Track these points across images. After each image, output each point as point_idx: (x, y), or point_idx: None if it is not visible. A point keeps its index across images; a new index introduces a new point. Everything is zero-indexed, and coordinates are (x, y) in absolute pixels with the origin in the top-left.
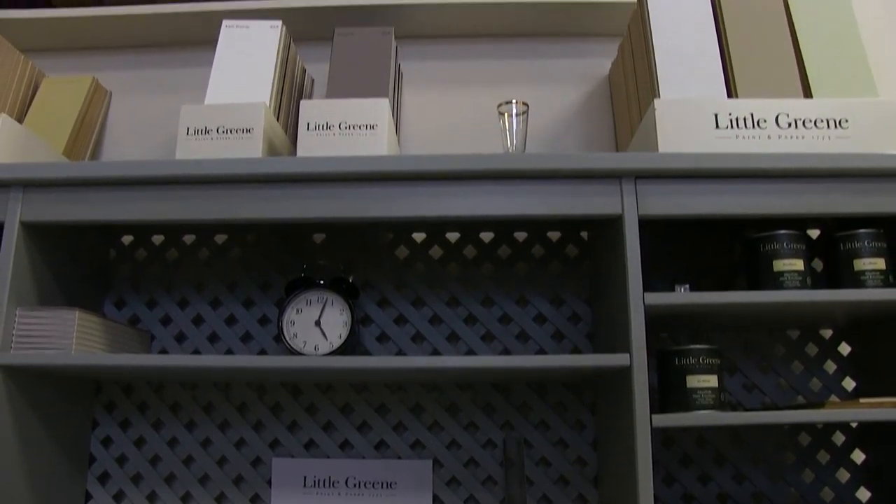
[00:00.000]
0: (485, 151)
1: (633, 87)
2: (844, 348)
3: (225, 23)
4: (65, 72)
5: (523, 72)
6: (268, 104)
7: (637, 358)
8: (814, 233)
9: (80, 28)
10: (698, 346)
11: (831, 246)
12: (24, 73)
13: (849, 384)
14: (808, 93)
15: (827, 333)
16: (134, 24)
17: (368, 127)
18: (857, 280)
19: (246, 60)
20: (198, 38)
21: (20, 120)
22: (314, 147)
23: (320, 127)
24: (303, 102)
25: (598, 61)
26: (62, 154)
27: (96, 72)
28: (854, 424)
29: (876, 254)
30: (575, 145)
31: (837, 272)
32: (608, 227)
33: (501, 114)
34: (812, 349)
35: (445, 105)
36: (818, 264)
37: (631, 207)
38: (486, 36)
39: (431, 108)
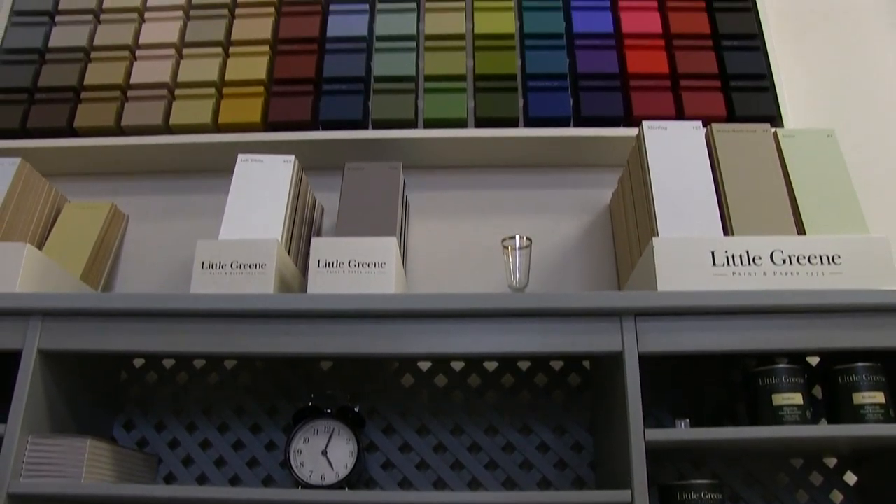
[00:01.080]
0: (489, 280)
1: (632, 220)
2: (850, 478)
3: (240, 157)
4: (86, 195)
5: (526, 202)
6: (280, 240)
7: (638, 494)
8: (814, 359)
9: (102, 155)
10: (700, 481)
11: (830, 377)
12: (48, 199)
13: None
14: (801, 230)
15: (831, 462)
16: (152, 152)
17: (377, 265)
18: (856, 414)
19: (259, 195)
20: (213, 165)
21: (42, 242)
22: (324, 284)
23: (330, 264)
24: (314, 240)
25: (600, 191)
26: (80, 278)
27: (115, 196)
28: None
29: (875, 388)
30: (577, 275)
31: (837, 404)
32: (609, 360)
33: (505, 247)
34: (816, 478)
35: (451, 234)
36: (819, 390)
37: (631, 345)
38: (490, 167)
39: (437, 236)
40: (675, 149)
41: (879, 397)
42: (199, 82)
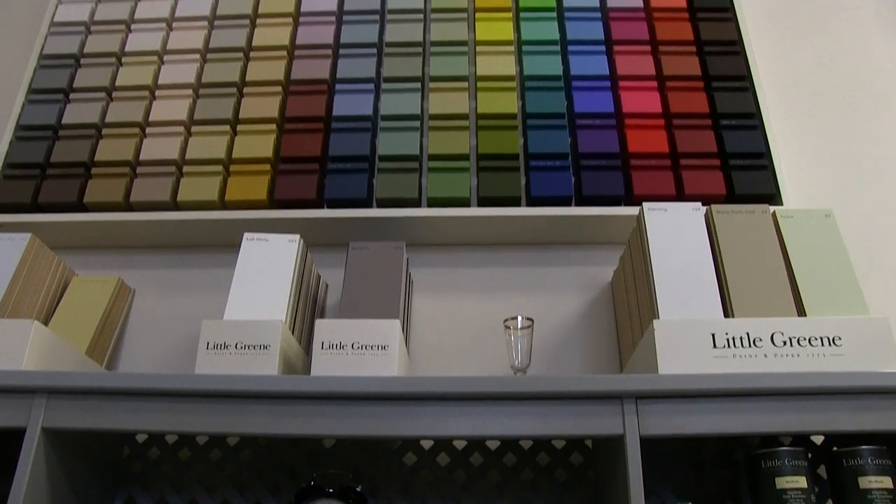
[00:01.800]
0: (492, 358)
1: (633, 299)
2: None
3: (246, 236)
4: (93, 268)
5: (529, 279)
6: (284, 320)
7: None
8: (818, 437)
9: (110, 230)
10: None
11: (835, 459)
12: (56, 273)
13: None
14: (801, 311)
15: None
16: (160, 228)
17: (380, 347)
18: (863, 499)
19: (265, 274)
20: (219, 241)
21: (49, 316)
22: (327, 366)
23: (334, 346)
24: (318, 322)
25: (601, 268)
26: (85, 352)
27: (122, 269)
28: None
29: (882, 472)
30: (579, 353)
31: (842, 488)
32: (610, 441)
33: (507, 328)
34: None
35: (454, 311)
36: (823, 469)
37: (632, 428)
38: (493, 244)
39: (440, 314)
40: (675, 230)
41: (887, 482)
42: (207, 160)
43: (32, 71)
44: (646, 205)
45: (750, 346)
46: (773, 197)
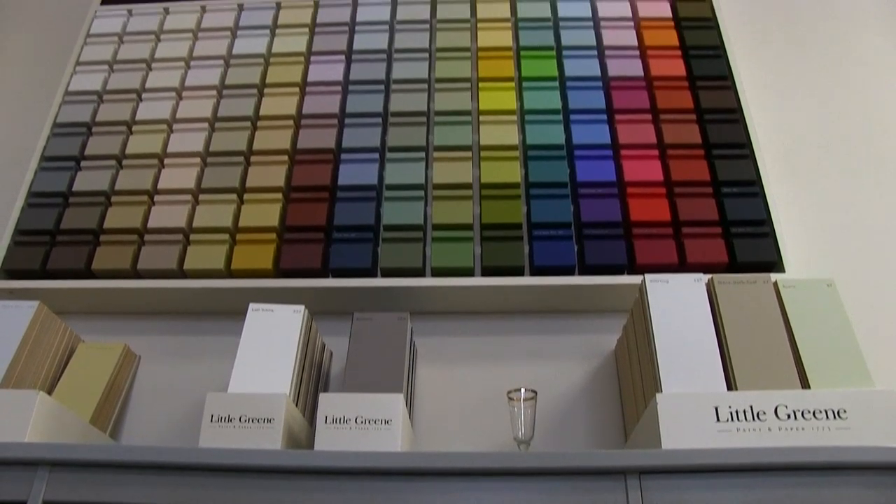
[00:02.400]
0: (495, 427)
1: (637, 370)
2: None
3: (251, 306)
4: (100, 334)
5: (532, 348)
6: (288, 393)
7: None
8: None
9: (118, 297)
10: None
11: None
12: (63, 339)
13: None
14: (805, 383)
15: None
16: (166, 295)
17: (384, 422)
18: None
19: (269, 346)
20: (225, 308)
21: (54, 382)
22: (331, 440)
23: (338, 420)
24: (322, 396)
25: (605, 337)
26: (89, 421)
27: (128, 335)
28: None
29: None
30: (583, 423)
31: None
32: None
33: (511, 399)
34: None
35: (458, 380)
36: None
37: (635, 502)
38: (497, 313)
39: (444, 383)
40: (677, 301)
41: None
42: (214, 228)
43: (46, 139)
44: (648, 277)
45: (754, 419)
46: (775, 264)
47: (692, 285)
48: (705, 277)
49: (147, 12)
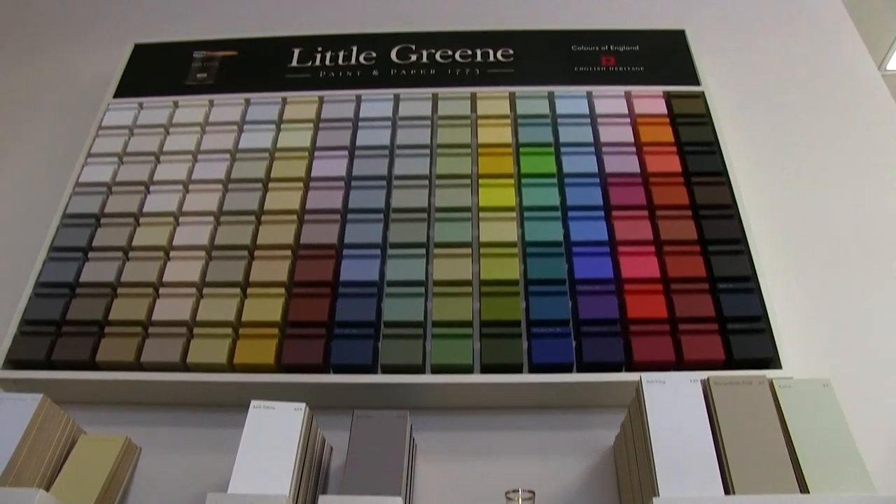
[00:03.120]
0: None
1: (634, 470)
2: None
3: (253, 403)
4: (101, 424)
5: (531, 444)
6: (288, 494)
7: None
8: None
9: (120, 389)
10: None
11: None
12: (65, 431)
13: None
14: (804, 487)
15: None
16: (169, 388)
17: None
18: None
19: (270, 444)
20: (227, 401)
21: (55, 474)
22: None
23: None
24: (321, 499)
25: (604, 432)
26: None
27: (130, 426)
28: None
29: None
30: None
31: None
32: None
33: (509, 500)
34: None
35: (457, 476)
36: None
37: None
38: (496, 409)
39: (443, 479)
40: (673, 402)
41: None
42: (217, 322)
43: (55, 229)
44: (644, 377)
45: None
46: (772, 360)
47: (688, 386)
48: (704, 373)
49: (157, 106)
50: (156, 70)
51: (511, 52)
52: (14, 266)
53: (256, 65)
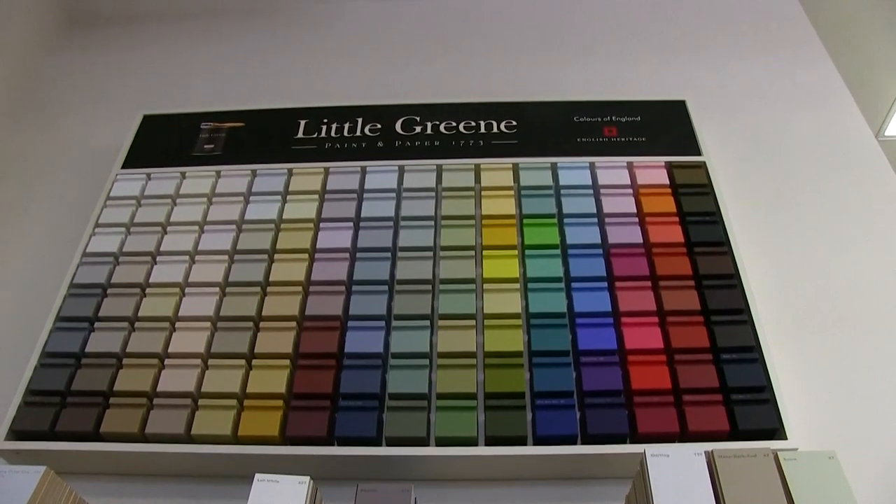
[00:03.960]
0: None
1: None
2: None
3: (257, 476)
4: (105, 495)
5: None
6: None
7: None
8: None
9: (125, 460)
10: None
11: None
12: (68, 503)
13: None
14: None
15: None
16: (173, 460)
17: None
18: None
19: None
20: (231, 472)
21: None
22: None
23: None
24: None
25: None
26: None
27: (133, 498)
28: None
29: None
30: None
31: None
32: None
33: None
34: None
35: None
36: None
37: None
38: (500, 480)
39: None
40: (677, 475)
41: None
42: (222, 393)
43: (62, 299)
44: (648, 450)
45: None
46: (777, 431)
47: (692, 459)
48: (706, 449)
49: (165, 176)
50: (164, 141)
51: (514, 123)
52: (21, 336)
53: (263, 136)
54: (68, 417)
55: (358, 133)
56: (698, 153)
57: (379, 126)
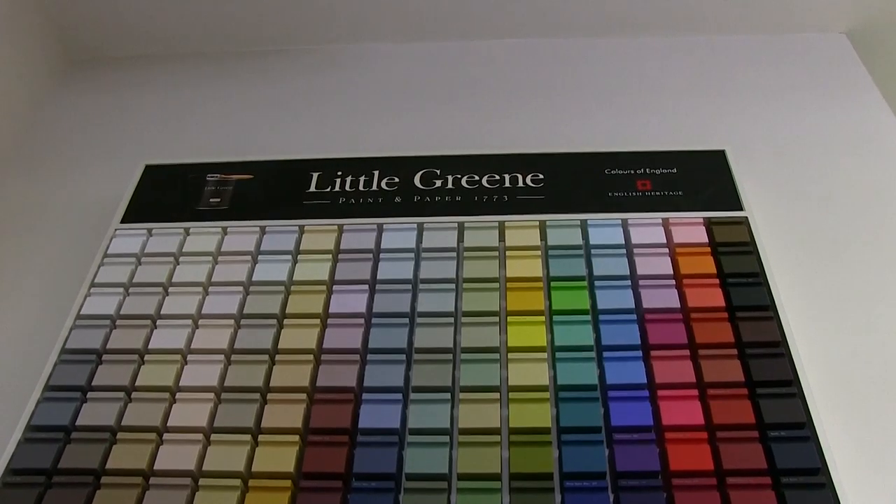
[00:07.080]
0: None
1: None
2: None
3: None
4: None
5: None
6: None
7: None
8: None
9: None
10: None
11: None
12: None
13: None
14: None
15: None
16: None
17: None
18: None
19: None
20: None
21: None
22: None
23: None
24: None
25: None
26: None
27: None
28: None
29: None
30: None
31: None
32: None
33: None
34: None
35: None
36: None
37: None
38: None
39: None
40: None
41: None
42: (225, 472)
43: (52, 365)
44: None
45: None
46: None
47: None
48: None
49: (167, 232)
50: (167, 193)
51: (541, 176)
52: (3, 406)
53: (273, 189)
54: (54, 499)
55: (374, 187)
56: (740, 208)
57: (396, 179)
